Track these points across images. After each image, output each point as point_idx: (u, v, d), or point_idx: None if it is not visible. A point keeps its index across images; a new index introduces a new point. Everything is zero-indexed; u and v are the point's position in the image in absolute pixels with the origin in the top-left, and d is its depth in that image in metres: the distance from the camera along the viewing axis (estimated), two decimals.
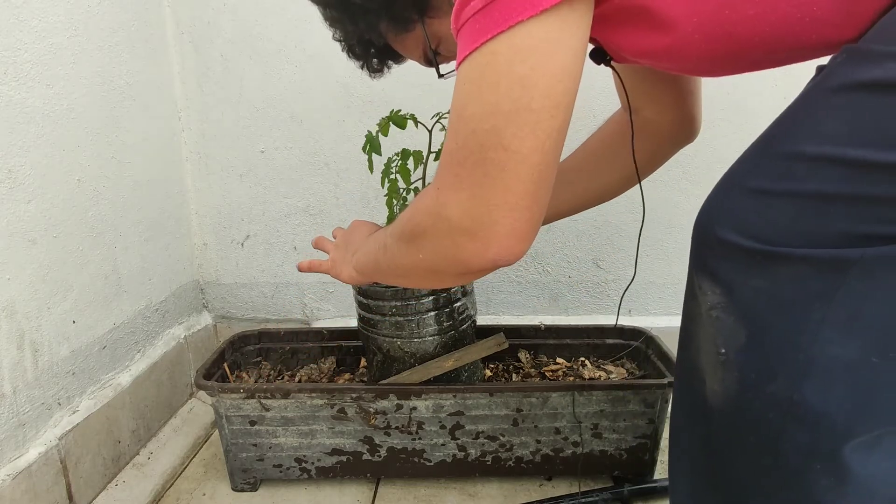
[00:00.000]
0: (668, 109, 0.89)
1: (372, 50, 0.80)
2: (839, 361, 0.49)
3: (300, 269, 0.99)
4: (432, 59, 0.76)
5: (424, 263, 0.64)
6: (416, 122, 1.03)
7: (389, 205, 1.06)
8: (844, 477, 0.50)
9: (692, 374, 0.60)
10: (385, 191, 1.07)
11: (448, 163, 0.58)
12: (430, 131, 1.04)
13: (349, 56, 0.83)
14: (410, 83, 1.37)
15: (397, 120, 1.01)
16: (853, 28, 0.52)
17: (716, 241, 0.54)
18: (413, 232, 0.64)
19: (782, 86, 1.18)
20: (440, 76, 0.78)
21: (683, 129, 0.91)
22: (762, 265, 0.51)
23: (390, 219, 1.06)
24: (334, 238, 1.02)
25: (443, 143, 1.03)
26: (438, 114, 1.04)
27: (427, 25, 0.73)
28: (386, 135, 1.02)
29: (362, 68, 0.84)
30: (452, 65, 0.79)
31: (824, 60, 0.56)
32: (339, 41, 0.82)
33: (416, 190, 1.09)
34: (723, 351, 0.55)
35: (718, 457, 0.58)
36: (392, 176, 1.04)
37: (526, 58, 0.51)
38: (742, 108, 1.39)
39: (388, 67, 0.85)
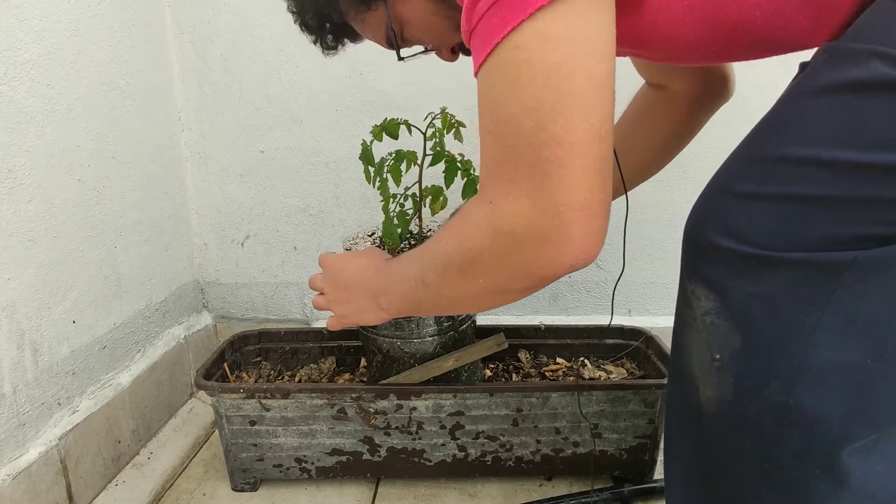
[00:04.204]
0: (697, 79, 0.86)
1: (327, 25, 0.76)
2: (834, 365, 0.49)
3: (331, 328, 0.89)
4: (394, 41, 0.72)
5: (485, 287, 0.58)
6: (410, 128, 1.03)
7: (385, 210, 1.05)
8: (843, 481, 0.49)
9: (685, 380, 0.60)
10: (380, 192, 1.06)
11: (495, 173, 0.52)
12: (424, 133, 1.04)
13: (302, 30, 0.78)
14: (411, 83, 1.38)
15: (390, 129, 1.01)
16: (840, 15, 0.52)
17: (708, 247, 0.54)
18: (467, 258, 0.57)
19: (783, 85, 1.18)
20: (400, 59, 0.74)
21: (717, 91, 0.88)
22: (755, 270, 0.51)
23: (386, 226, 1.05)
24: (316, 286, 0.90)
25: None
26: (431, 114, 1.04)
27: (390, 6, 0.69)
28: (381, 140, 1.02)
29: (315, 43, 0.79)
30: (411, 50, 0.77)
31: (807, 55, 0.56)
32: (293, 13, 0.77)
33: (413, 196, 1.09)
34: (717, 357, 0.54)
35: (713, 463, 0.57)
36: (384, 176, 1.04)
37: (557, 45, 0.47)
38: (742, 108, 1.39)
39: (343, 45, 0.80)
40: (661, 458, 1.17)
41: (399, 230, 1.05)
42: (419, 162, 1.05)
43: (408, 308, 0.73)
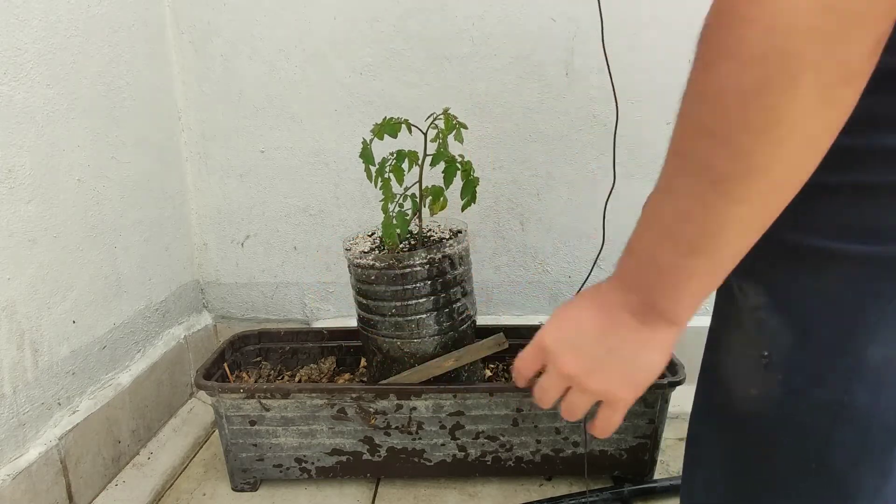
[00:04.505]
0: None
1: None
2: (893, 363, 0.47)
3: (605, 434, 0.61)
4: None
5: (816, 98, 0.37)
6: (410, 128, 1.03)
7: (385, 210, 1.05)
8: (887, 478, 0.49)
9: (718, 379, 0.58)
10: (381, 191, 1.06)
11: None
12: (424, 133, 1.04)
13: None
14: (410, 83, 1.38)
15: (390, 128, 1.01)
16: None
17: (760, 240, 0.53)
18: (778, 68, 0.36)
19: None
20: None
21: None
22: (814, 263, 0.49)
23: (386, 226, 1.04)
24: (554, 387, 0.60)
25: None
26: (433, 114, 1.04)
27: None
28: (381, 139, 1.02)
29: None
30: None
31: None
32: None
33: (413, 197, 1.09)
34: (766, 354, 0.51)
35: (750, 463, 0.56)
36: (386, 176, 1.04)
37: None
38: None
39: None
40: (661, 458, 1.17)
41: (398, 230, 1.05)
42: (420, 162, 1.05)
43: (707, 270, 0.46)
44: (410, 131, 1.03)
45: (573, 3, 1.33)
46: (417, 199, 1.10)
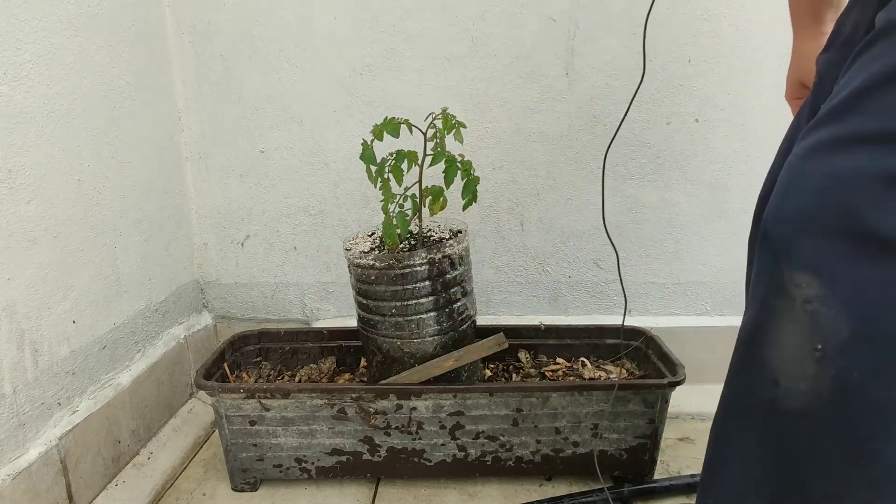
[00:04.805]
0: None
1: None
2: None
3: None
4: None
5: None
6: (410, 128, 1.03)
7: (385, 210, 1.06)
8: None
9: (760, 374, 0.56)
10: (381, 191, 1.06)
11: None
12: (424, 133, 1.04)
13: None
14: (410, 83, 1.38)
15: (390, 128, 1.01)
16: None
17: (818, 231, 0.51)
18: None
19: (782, 86, 1.20)
20: None
21: None
22: (874, 255, 0.48)
23: (386, 226, 1.05)
24: None
25: (437, 149, 1.04)
26: (432, 114, 1.04)
27: None
28: (381, 139, 1.02)
29: None
30: None
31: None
32: None
33: (413, 196, 1.09)
34: (819, 347, 0.50)
35: (792, 457, 0.54)
36: (385, 176, 1.04)
37: None
38: (742, 108, 1.39)
39: None
40: (661, 458, 1.17)
41: (399, 230, 1.05)
42: (419, 162, 1.05)
43: None
44: (411, 131, 1.03)
45: (573, 3, 1.33)
46: (417, 200, 1.10)
